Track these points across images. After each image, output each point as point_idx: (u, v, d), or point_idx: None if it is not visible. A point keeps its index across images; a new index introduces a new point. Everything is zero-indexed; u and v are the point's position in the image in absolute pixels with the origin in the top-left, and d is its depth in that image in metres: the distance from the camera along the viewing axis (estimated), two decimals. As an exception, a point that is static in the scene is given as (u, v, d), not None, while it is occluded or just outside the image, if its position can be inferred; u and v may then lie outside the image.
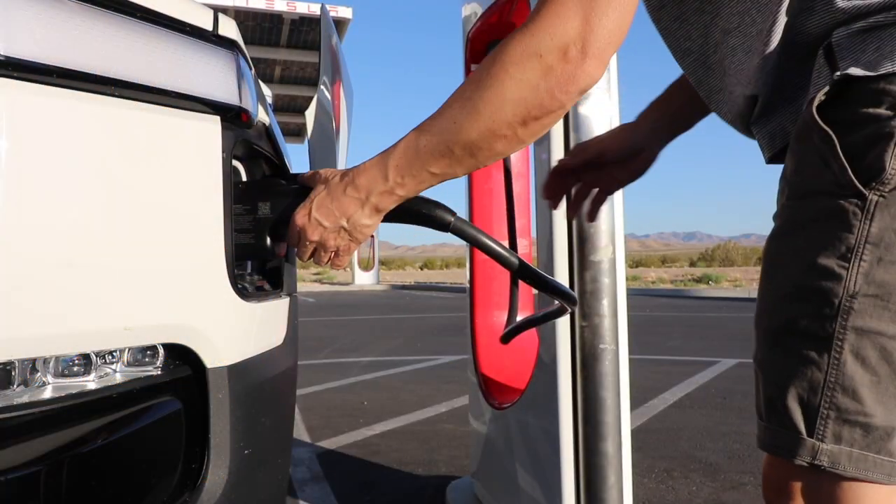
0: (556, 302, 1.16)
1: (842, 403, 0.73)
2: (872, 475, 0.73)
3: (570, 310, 1.18)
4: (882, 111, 0.71)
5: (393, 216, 0.98)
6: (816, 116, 0.75)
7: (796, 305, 0.76)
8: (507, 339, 1.40)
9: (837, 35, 0.77)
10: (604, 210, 1.60)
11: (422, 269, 51.17)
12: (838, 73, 0.74)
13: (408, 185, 0.89)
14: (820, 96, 0.75)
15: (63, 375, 0.87)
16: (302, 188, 1.00)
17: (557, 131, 1.64)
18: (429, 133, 0.84)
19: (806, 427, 0.75)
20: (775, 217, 0.85)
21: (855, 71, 0.74)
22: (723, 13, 0.89)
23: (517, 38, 0.79)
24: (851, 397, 0.73)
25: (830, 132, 0.74)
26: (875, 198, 0.71)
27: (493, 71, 0.80)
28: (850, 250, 0.72)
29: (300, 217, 0.97)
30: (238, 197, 1.00)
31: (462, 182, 2.39)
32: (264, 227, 1.02)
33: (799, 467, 0.76)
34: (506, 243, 2.32)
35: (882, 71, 0.72)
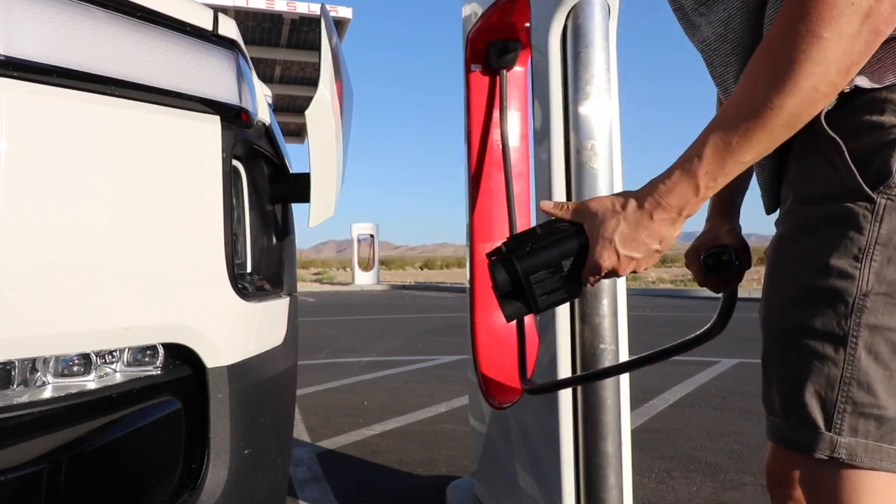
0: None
1: (857, 397, 0.77)
2: (886, 464, 0.77)
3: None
4: (885, 119, 0.76)
5: None
6: (825, 124, 0.79)
7: (810, 306, 0.79)
8: (536, 392, 1.36)
9: None
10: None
11: (422, 269, 51.15)
12: (853, 85, 0.77)
13: (718, 185, 0.83)
14: (828, 105, 0.78)
15: (63, 375, 0.87)
16: (566, 227, 0.93)
17: (557, 132, 1.64)
18: (738, 127, 0.78)
19: (824, 422, 0.78)
20: (779, 222, 0.88)
21: (863, 82, 0.77)
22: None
23: (813, 1, 0.71)
24: (866, 391, 0.77)
25: (838, 139, 0.77)
26: (883, 201, 0.75)
27: (801, 45, 0.72)
28: (862, 251, 0.76)
29: (607, 261, 0.89)
30: (542, 264, 0.93)
31: (462, 182, 2.39)
32: (573, 281, 0.94)
33: (815, 461, 0.79)
34: None
35: (887, 83, 0.76)
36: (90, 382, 0.88)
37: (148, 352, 0.94)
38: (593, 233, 0.88)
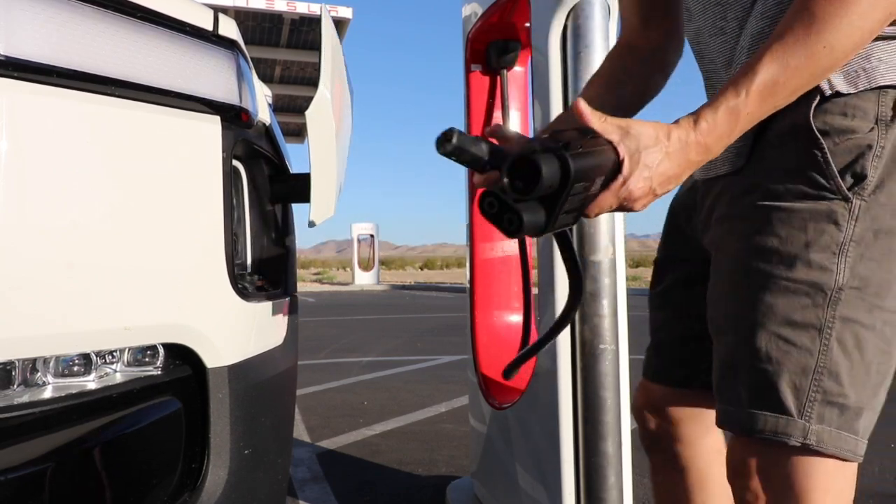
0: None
1: (827, 386, 0.81)
2: (843, 452, 0.81)
3: (571, 317, 1.10)
4: (856, 124, 0.81)
5: None
6: (813, 125, 0.82)
7: (790, 298, 0.82)
8: (509, 373, 1.34)
9: None
10: (604, 210, 1.59)
11: (422, 269, 51.11)
12: (835, 89, 0.82)
13: (746, 129, 0.82)
14: (814, 106, 0.82)
15: (63, 375, 0.87)
16: (602, 141, 0.81)
17: (557, 131, 1.64)
18: (788, 66, 0.77)
19: (797, 410, 0.81)
20: (740, 216, 0.88)
21: (842, 86, 0.82)
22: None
23: None
24: (835, 381, 0.81)
25: (822, 140, 0.81)
26: (858, 202, 0.81)
27: None
28: (840, 247, 0.81)
29: (639, 191, 0.82)
30: (589, 172, 0.81)
31: (462, 182, 2.39)
32: (587, 204, 0.84)
33: (779, 448, 0.82)
34: (507, 243, 2.32)
35: (861, 88, 0.81)
36: (90, 382, 0.88)
37: (148, 352, 0.94)
38: (634, 158, 0.81)
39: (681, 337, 1.10)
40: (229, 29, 1.02)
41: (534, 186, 0.78)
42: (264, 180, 1.20)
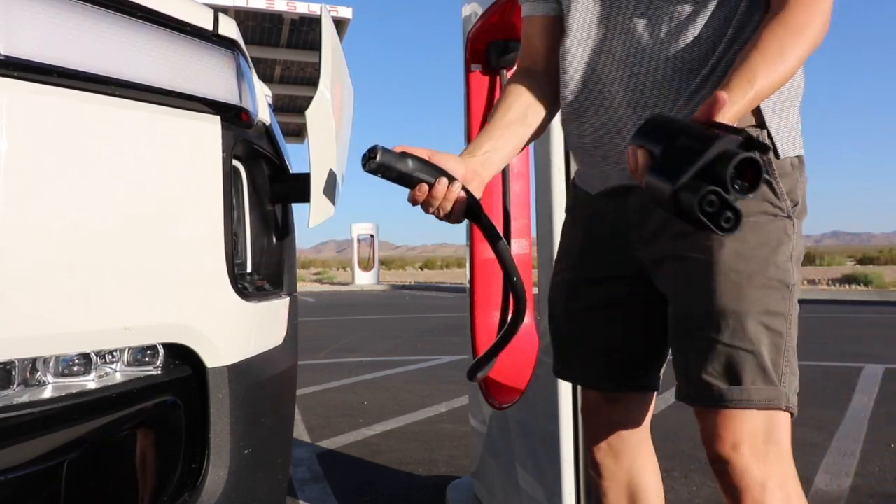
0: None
1: (791, 360, 1.04)
2: (795, 409, 1.04)
3: (521, 321, 1.16)
4: (784, 164, 1.06)
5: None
6: (774, 161, 1.05)
7: (770, 292, 1.03)
8: (472, 375, 1.35)
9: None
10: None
11: (422, 269, 51.04)
12: (788, 156, 1.07)
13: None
14: (767, 141, 1.05)
15: (63, 375, 0.87)
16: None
17: (557, 132, 1.64)
18: (772, 81, 0.96)
19: (778, 381, 1.02)
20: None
21: (791, 153, 1.07)
22: None
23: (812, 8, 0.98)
24: (793, 355, 1.04)
25: (777, 172, 1.05)
26: (795, 220, 1.07)
27: (814, 35, 0.98)
28: (791, 254, 1.05)
29: None
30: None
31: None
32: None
33: (762, 414, 1.01)
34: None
35: (789, 154, 1.07)
36: (90, 382, 0.88)
37: (148, 352, 0.94)
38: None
39: (605, 348, 1.23)
40: (229, 29, 1.02)
41: (757, 185, 0.82)
42: (264, 180, 1.20)
